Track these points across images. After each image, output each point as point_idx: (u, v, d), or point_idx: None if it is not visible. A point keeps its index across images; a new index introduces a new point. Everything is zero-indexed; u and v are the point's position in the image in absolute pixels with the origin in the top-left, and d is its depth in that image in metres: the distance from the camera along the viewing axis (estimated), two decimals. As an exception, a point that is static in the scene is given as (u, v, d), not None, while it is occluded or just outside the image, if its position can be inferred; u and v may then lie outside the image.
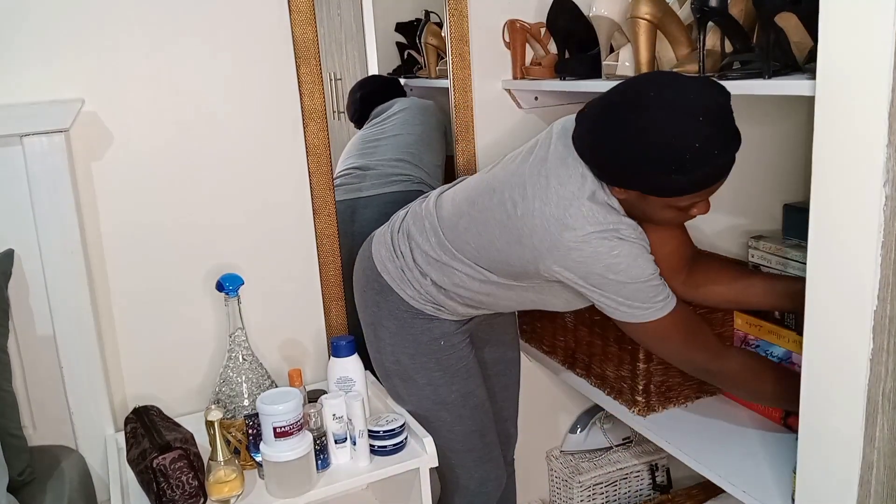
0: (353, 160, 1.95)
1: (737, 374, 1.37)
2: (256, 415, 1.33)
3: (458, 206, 1.42)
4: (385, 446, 1.44)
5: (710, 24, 1.29)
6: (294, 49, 1.63)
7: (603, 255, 1.22)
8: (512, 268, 1.34)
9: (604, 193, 1.25)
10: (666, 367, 1.52)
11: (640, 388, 1.52)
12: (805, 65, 1.17)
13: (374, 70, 2.04)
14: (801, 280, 1.08)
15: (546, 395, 2.13)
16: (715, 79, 1.23)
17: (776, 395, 1.38)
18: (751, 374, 1.38)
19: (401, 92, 2.05)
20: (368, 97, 2.02)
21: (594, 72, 1.64)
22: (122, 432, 1.49)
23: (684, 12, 1.49)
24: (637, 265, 1.23)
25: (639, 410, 1.54)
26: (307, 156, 1.68)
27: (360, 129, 2.02)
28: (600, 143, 1.19)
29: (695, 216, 1.25)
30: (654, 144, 1.13)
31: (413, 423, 1.50)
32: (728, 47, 1.33)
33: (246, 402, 1.42)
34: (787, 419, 1.44)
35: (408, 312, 1.50)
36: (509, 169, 1.36)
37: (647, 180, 1.17)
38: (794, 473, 1.18)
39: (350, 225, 1.78)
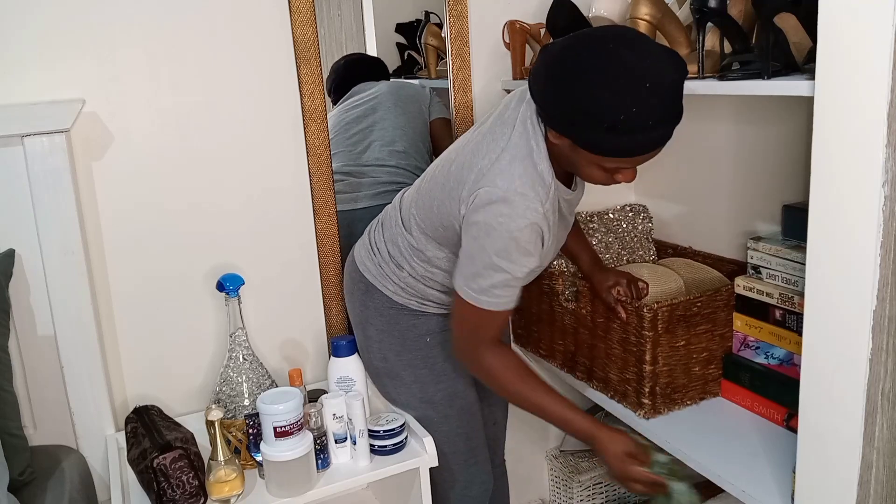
0: (342, 162, 1.91)
1: (498, 370, 1.38)
2: (257, 414, 1.33)
3: (418, 186, 1.47)
4: (385, 446, 1.44)
5: (710, 24, 1.29)
6: (294, 49, 1.63)
7: (490, 215, 1.24)
8: (446, 231, 1.37)
9: (538, 157, 1.27)
10: (671, 368, 1.52)
11: (647, 390, 1.51)
12: (804, 65, 1.17)
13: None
14: None
15: (546, 396, 2.13)
16: (718, 76, 1.23)
17: (526, 401, 1.42)
18: (510, 375, 1.39)
19: (386, 75, 2.04)
20: (353, 66, 2.00)
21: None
22: (123, 432, 1.49)
23: (683, 13, 1.49)
24: (509, 245, 1.25)
25: (644, 413, 1.53)
26: (307, 156, 1.69)
27: (336, 102, 1.98)
28: (549, 82, 1.20)
29: (619, 182, 1.26)
30: (594, 98, 1.14)
31: (413, 423, 1.50)
32: (727, 48, 1.33)
33: (246, 402, 1.42)
34: (790, 420, 1.44)
35: (392, 308, 1.51)
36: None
37: (579, 132, 1.19)
38: (794, 473, 1.18)
39: (348, 237, 1.75)
